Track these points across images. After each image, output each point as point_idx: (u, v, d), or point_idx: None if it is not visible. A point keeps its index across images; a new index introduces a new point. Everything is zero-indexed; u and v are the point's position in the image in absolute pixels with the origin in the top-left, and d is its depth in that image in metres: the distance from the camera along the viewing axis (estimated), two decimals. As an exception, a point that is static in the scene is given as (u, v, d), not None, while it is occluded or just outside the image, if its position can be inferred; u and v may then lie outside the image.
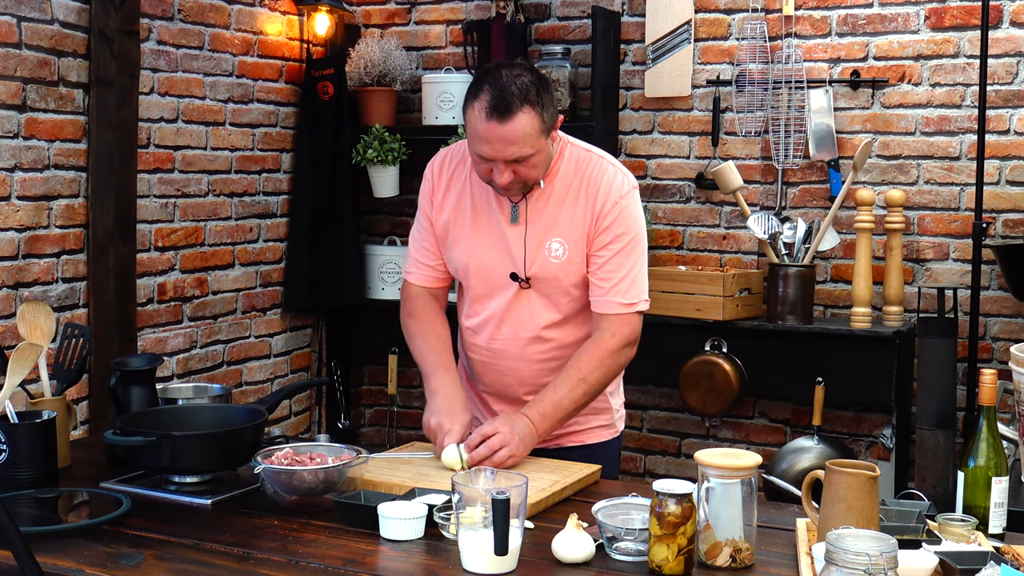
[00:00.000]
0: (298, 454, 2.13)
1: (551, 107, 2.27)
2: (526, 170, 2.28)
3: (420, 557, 1.86)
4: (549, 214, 2.39)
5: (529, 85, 2.23)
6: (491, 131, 2.22)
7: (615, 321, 2.37)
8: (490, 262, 2.43)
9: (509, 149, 2.23)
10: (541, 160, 2.30)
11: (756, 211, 4.07)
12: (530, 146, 2.24)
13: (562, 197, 2.39)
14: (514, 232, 2.40)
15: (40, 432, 2.18)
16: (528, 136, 2.22)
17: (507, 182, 2.28)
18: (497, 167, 2.27)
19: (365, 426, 4.98)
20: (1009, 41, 3.84)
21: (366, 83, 4.49)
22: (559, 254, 2.38)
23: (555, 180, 2.40)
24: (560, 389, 2.34)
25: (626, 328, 2.38)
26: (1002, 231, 3.89)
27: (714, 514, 1.79)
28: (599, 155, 2.44)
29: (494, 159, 2.25)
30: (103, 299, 3.62)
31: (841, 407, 4.10)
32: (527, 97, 2.21)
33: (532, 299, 2.42)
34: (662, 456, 4.46)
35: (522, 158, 2.25)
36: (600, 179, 2.39)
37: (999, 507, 1.99)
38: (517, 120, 2.21)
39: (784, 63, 4.08)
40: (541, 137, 2.26)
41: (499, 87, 2.21)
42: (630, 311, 2.39)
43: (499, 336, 2.47)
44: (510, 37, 4.32)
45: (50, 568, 1.76)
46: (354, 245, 4.52)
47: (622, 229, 2.38)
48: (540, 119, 2.24)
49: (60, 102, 3.48)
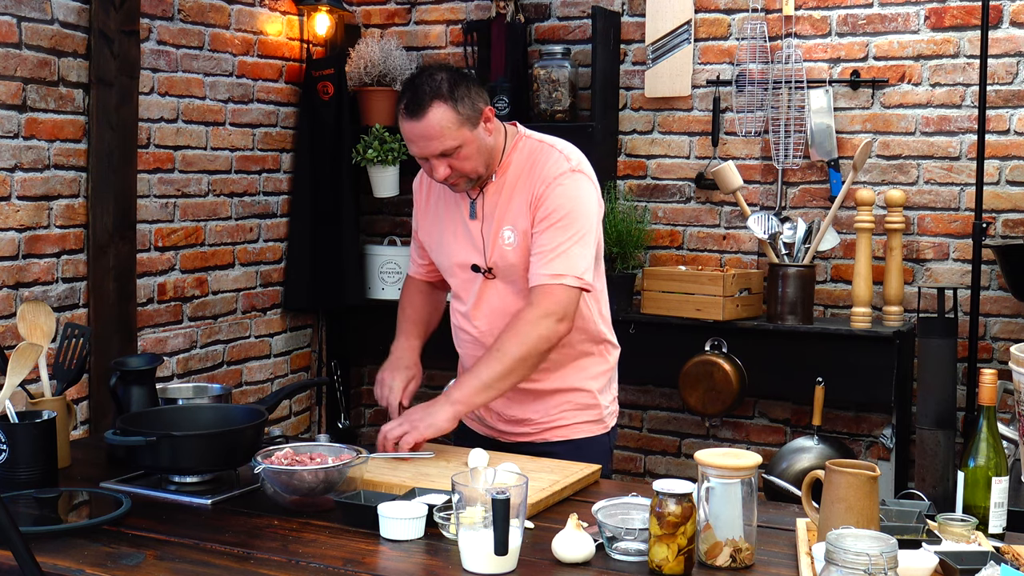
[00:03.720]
0: (298, 454, 2.13)
1: (468, 99, 2.35)
2: (459, 163, 2.37)
3: (420, 557, 1.86)
4: (502, 205, 2.47)
5: (441, 81, 2.34)
6: (411, 129, 2.35)
7: (537, 292, 2.39)
8: (459, 258, 2.53)
9: (431, 144, 2.34)
10: (473, 152, 2.37)
11: (756, 211, 4.07)
12: (451, 138, 2.33)
13: (513, 187, 2.47)
14: (474, 226, 2.50)
15: (40, 432, 2.18)
16: (445, 129, 2.32)
17: (443, 177, 2.38)
18: (431, 163, 2.38)
19: (365, 426, 4.98)
20: (1009, 41, 3.84)
21: (366, 83, 4.49)
22: (511, 241, 2.45)
23: (508, 172, 2.47)
24: (479, 362, 2.40)
25: (547, 299, 2.36)
26: (1002, 231, 3.89)
27: (714, 514, 1.79)
28: (550, 143, 2.50)
29: (423, 156, 2.38)
30: (103, 299, 3.62)
31: (841, 407, 4.10)
32: (438, 92, 2.32)
33: (499, 288, 2.50)
34: (662, 456, 4.46)
35: (448, 151, 2.35)
36: (543, 163, 2.44)
37: (999, 507, 1.99)
38: (430, 115, 2.31)
39: (784, 63, 4.08)
40: (463, 129, 2.34)
41: (412, 88, 2.35)
42: (555, 282, 2.37)
43: (478, 327, 2.54)
44: (510, 37, 4.32)
45: (50, 568, 1.76)
46: (354, 245, 4.52)
47: (555, 206, 2.40)
48: (454, 111, 2.33)
49: (60, 102, 3.48)
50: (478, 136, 2.38)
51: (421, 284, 2.76)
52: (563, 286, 2.37)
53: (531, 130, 2.55)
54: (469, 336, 2.58)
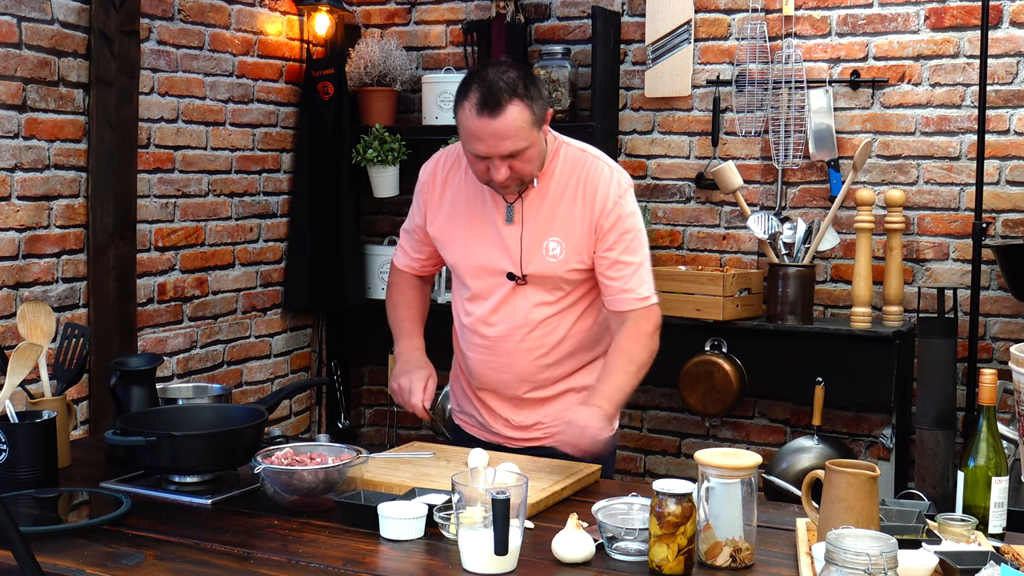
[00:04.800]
0: (298, 454, 2.13)
1: (540, 99, 2.32)
2: (521, 164, 2.31)
3: (420, 557, 1.86)
4: (546, 213, 2.42)
5: (516, 79, 2.28)
6: (484, 127, 2.26)
7: (638, 314, 2.43)
8: (486, 261, 2.46)
9: (503, 144, 2.27)
10: (535, 154, 2.33)
11: (756, 211, 4.07)
12: (523, 139, 2.28)
13: (559, 196, 2.42)
14: (510, 231, 2.43)
15: (40, 432, 2.18)
16: (520, 129, 2.26)
17: (504, 178, 2.31)
18: (493, 164, 2.30)
19: (365, 426, 4.98)
20: (1009, 41, 3.84)
21: (366, 83, 4.49)
22: (556, 253, 2.41)
23: (551, 179, 2.43)
24: (611, 374, 2.38)
25: (653, 316, 2.45)
26: (1002, 231, 3.89)
27: (714, 514, 1.79)
28: (594, 155, 2.48)
29: (489, 155, 2.29)
30: (103, 299, 3.62)
31: (841, 407, 4.10)
32: (515, 90, 2.26)
33: (528, 294, 2.46)
34: (662, 456, 4.46)
35: (517, 152, 2.28)
36: (598, 180, 2.42)
37: (999, 507, 1.99)
38: (508, 113, 2.25)
39: (784, 63, 4.08)
40: (533, 130, 2.30)
41: (487, 84, 2.26)
42: (647, 303, 2.44)
43: (495, 331, 2.49)
44: (510, 37, 4.32)
45: (50, 568, 1.76)
46: (354, 245, 4.52)
47: (625, 227, 2.42)
48: (530, 111, 2.28)
49: (60, 102, 3.48)
50: (541, 139, 2.35)
51: (412, 278, 2.69)
52: (655, 305, 2.46)
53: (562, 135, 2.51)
54: (482, 338, 2.51)
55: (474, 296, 2.52)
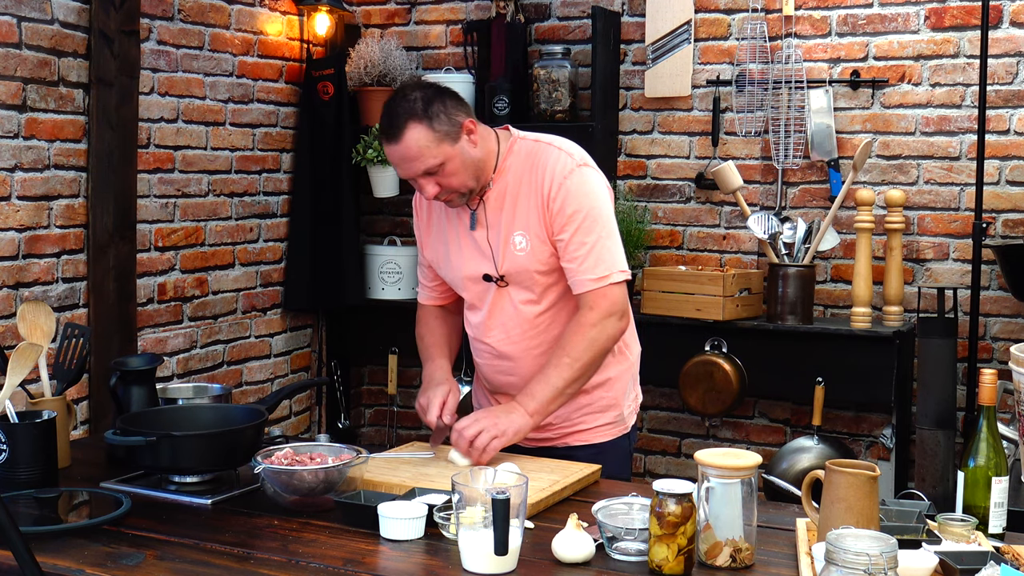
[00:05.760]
0: (298, 454, 2.13)
1: (443, 115, 2.32)
2: (446, 179, 2.35)
3: (420, 557, 1.86)
4: (508, 210, 2.44)
5: (415, 101, 2.31)
6: (392, 153, 2.34)
7: (589, 296, 2.39)
8: (468, 270, 2.50)
9: (414, 165, 2.32)
10: (458, 167, 2.35)
11: (756, 211, 4.07)
12: (432, 156, 2.31)
13: (516, 191, 2.44)
14: (479, 236, 2.47)
15: (40, 432, 2.18)
16: (424, 148, 2.30)
17: (433, 194, 2.37)
18: (418, 183, 2.36)
19: (365, 426, 4.98)
20: (1009, 41, 3.84)
21: (366, 83, 4.49)
22: (523, 246, 2.42)
23: (507, 176, 2.44)
24: (547, 369, 2.37)
25: (603, 301, 2.39)
26: (1002, 231, 3.89)
27: (714, 514, 1.79)
28: (546, 141, 2.47)
29: (409, 177, 2.36)
30: (103, 299, 3.62)
31: (841, 407, 4.10)
32: (412, 112, 2.30)
33: (512, 295, 2.47)
34: (662, 456, 4.46)
35: (432, 169, 2.33)
36: (545, 164, 2.41)
37: (999, 507, 1.99)
38: (407, 137, 2.29)
39: (784, 63, 4.08)
40: (444, 145, 2.32)
41: (387, 111, 2.33)
42: (603, 284, 2.39)
43: (494, 336, 2.51)
44: (510, 37, 4.32)
45: (50, 568, 1.76)
46: (354, 245, 4.52)
47: (573, 206, 2.38)
48: (430, 129, 2.30)
49: (60, 102, 3.48)
50: (461, 150, 2.34)
51: (434, 310, 2.69)
52: (611, 285, 2.39)
53: (525, 131, 2.52)
54: (487, 347, 2.54)
55: (470, 306, 2.56)
